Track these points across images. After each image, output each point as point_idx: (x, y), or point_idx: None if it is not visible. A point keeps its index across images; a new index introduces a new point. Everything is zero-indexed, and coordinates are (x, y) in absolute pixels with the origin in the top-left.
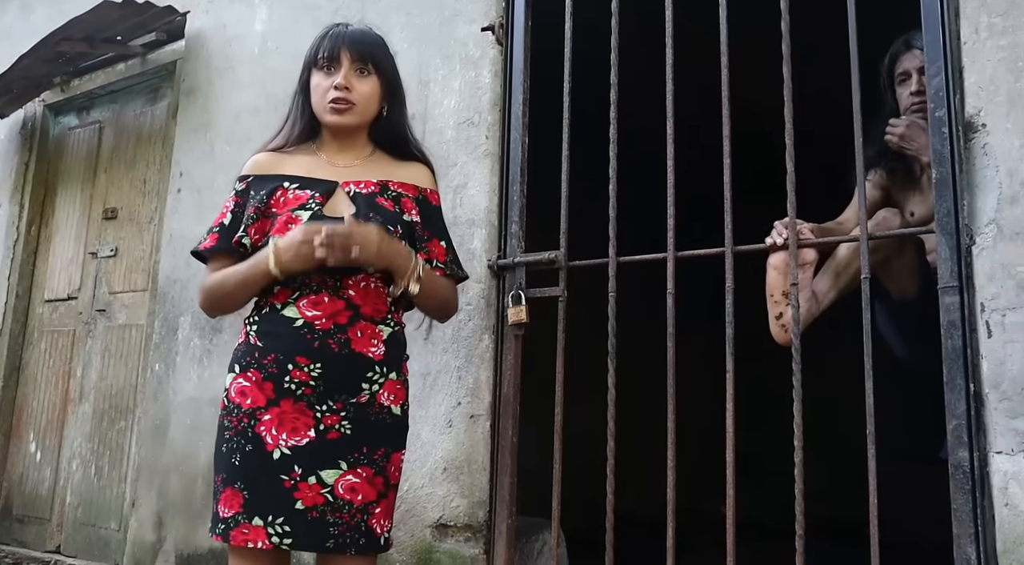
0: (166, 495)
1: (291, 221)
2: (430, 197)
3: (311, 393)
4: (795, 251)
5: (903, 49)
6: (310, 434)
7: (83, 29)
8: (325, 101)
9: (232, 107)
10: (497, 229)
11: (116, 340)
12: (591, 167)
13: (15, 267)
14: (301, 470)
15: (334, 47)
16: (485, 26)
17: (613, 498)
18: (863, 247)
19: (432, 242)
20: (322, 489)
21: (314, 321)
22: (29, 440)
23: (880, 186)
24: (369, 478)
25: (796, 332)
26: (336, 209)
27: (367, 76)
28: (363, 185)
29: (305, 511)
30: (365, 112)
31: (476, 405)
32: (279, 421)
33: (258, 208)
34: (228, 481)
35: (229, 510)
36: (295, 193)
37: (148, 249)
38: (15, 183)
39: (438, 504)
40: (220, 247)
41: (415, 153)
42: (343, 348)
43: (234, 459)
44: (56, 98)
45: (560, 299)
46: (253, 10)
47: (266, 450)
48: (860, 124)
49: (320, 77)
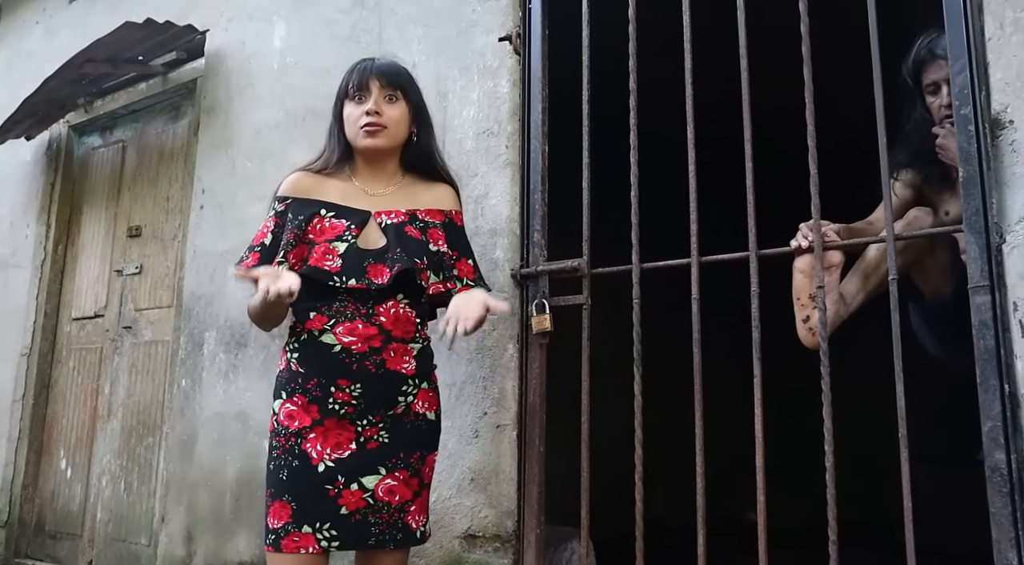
0: (195, 510)
1: (328, 251)
2: (455, 219)
3: (353, 411)
4: (820, 254)
5: (928, 57)
6: (351, 446)
7: (106, 50)
8: (358, 127)
9: (252, 123)
10: (519, 238)
11: (143, 356)
12: (606, 172)
13: (43, 286)
14: (344, 479)
15: (363, 78)
16: (502, 36)
17: (642, 505)
18: (889, 248)
19: (461, 262)
20: (364, 494)
21: (350, 346)
22: (60, 457)
23: (912, 185)
24: (405, 480)
25: (824, 335)
26: (370, 240)
27: (395, 102)
28: (393, 215)
29: (349, 515)
30: (395, 135)
31: (502, 415)
32: (324, 438)
33: (296, 235)
34: (276, 495)
35: (279, 521)
36: (331, 222)
37: (172, 266)
38: (42, 203)
39: (466, 514)
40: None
41: (442, 175)
42: (379, 368)
43: (281, 475)
44: (80, 119)
45: (584, 307)
46: (271, 27)
47: (311, 464)
48: (883, 124)
49: (351, 107)
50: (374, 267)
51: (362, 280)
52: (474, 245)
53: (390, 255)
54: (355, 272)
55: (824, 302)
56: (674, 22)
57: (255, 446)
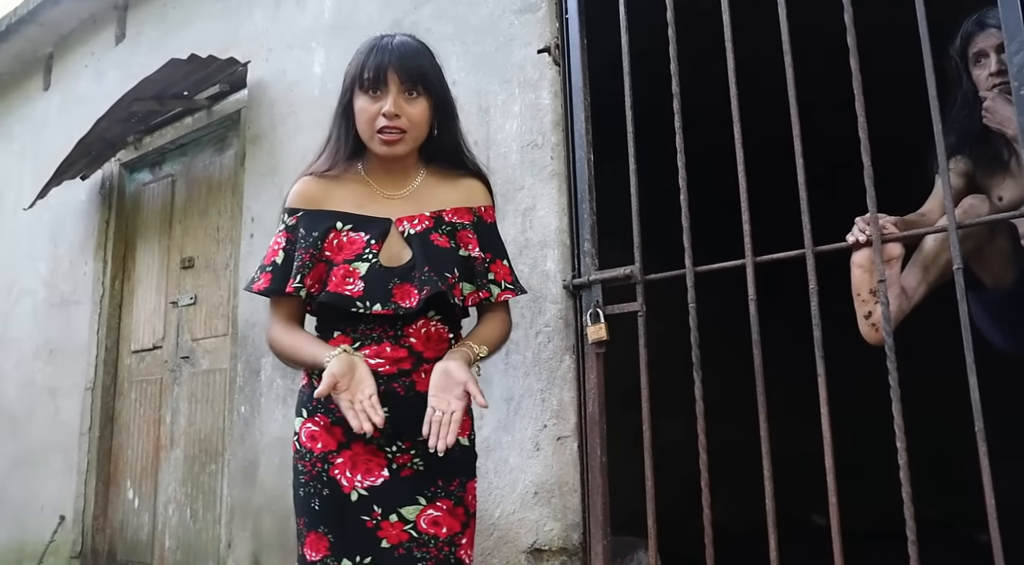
0: (260, 535)
1: (349, 274)
2: (484, 216)
3: (380, 436)
4: (879, 246)
5: (976, 29)
6: (384, 474)
7: (152, 88)
8: (373, 129)
9: (297, 149)
10: (569, 248)
11: (201, 385)
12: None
13: (102, 321)
14: (381, 509)
15: (380, 69)
16: (541, 48)
17: (710, 512)
18: (952, 236)
19: (496, 263)
20: (405, 525)
21: (378, 368)
22: (127, 487)
23: (963, 173)
24: (450, 509)
25: (888, 330)
26: (393, 255)
27: (416, 98)
28: (416, 222)
29: (391, 549)
30: (417, 137)
31: (562, 426)
32: (352, 464)
33: (312, 254)
34: (311, 525)
35: (316, 554)
36: (349, 236)
37: (226, 294)
38: (98, 241)
39: (531, 529)
40: (275, 290)
41: (468, 167)
42: (408, 391)
43: (313, 504)
44: (130, 156)
45: (639, 314)
46: (311, 54)
47: (343, 492)
48: (937, 109)
49: (365, 101)
50: (400, 288)
51: (388, 305)
52: (524, 258)
53: (417, 274)
54: (380, 296)
55: (886, 296)
56: (715, 21)
57: None
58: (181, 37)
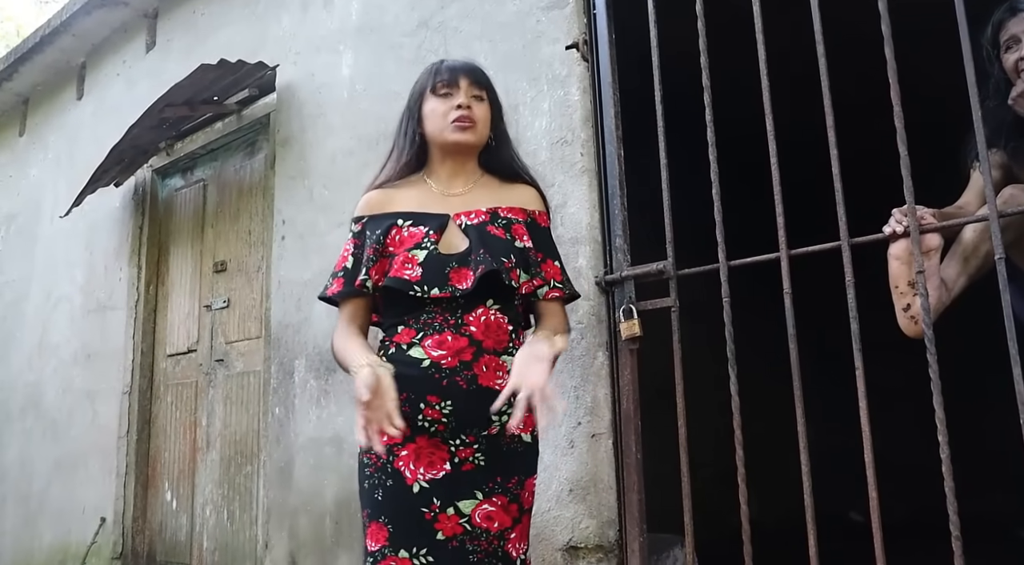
0: (296, 535)
1: (408, 261)
2: (539, 219)
3: (444, 429)
4: (917, 237)
5: (1008, 15)
6: (446, 467)
7: (183, 94)
8: (447, 121)
9: (327, 152)
10: (601, 245)
11: (236, 388)
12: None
13: (138, 326)
14: (440, 502)
15: (453, 74)
16: (569, 44)
17: (747, 508)
18: (994, 226)
19: (547, 263)
20: (460, 519)
21: (440, 360)
22: (164, 489)
23: (999, 166)
24: (504, 506)
25: (928, 322)
26: (451, 245)
27: (482, 102)
28: (473, 215)
29: (446, 541)
30: (483, 134)
31: (596, 423)
32: (416, 456)
33: (376, 249)
34: (373, 516)
35: (376, 544)
36: (410, 230)
37: (258, 297)
38: (132, 246)
39: (567, 526)
40: (346, 292)
41: (523, 176)
42: (471, 384)
43: (376, 495)
44: (162, 162)
45: (672, 309)
46: (339, 57)
47: (406, 484)
48: (977, 100)
49: (437, 102)
50: (457, 272)
51: (445, 288)
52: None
53: (473, 257)
54: (437, 280)
55: (925, 288)
56: (745, 13)
57: (350, 469)
58: (210, 43)
